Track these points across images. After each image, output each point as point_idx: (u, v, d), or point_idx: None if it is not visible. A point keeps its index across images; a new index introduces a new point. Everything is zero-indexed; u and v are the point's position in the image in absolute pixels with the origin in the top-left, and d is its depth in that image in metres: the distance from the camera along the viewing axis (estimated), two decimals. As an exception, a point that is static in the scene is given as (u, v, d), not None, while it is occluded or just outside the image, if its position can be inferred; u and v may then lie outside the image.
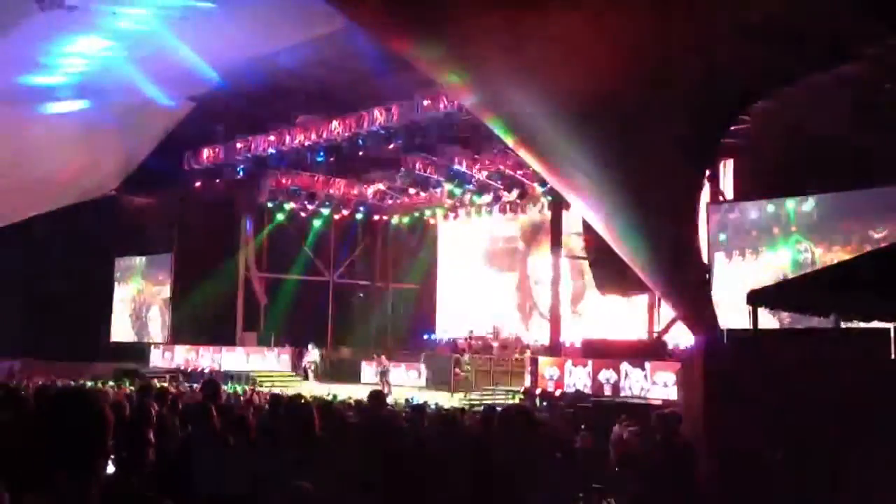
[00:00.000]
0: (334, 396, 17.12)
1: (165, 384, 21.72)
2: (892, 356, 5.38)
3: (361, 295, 34.93)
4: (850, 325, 9.02)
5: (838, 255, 18.23)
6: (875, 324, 8.46)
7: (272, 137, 25.14)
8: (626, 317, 25.70)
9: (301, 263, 32.65)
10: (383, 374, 26.13)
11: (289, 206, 29.43)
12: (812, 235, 19.48)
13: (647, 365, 17.89)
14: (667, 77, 9.72)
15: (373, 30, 11.93)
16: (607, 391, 18.32)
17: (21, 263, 27.34)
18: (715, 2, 9.21)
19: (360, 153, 23.98)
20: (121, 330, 34.86)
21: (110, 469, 3.49)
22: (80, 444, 2.08)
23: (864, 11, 8.90)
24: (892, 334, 5.43)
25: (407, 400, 16.85)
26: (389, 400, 15.83)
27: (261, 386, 23.85)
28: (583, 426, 11.00)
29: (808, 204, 19.71)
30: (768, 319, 15.72)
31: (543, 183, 23.68)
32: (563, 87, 10.38)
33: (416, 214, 31.94)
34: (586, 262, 20.63)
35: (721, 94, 10.28)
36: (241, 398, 17.12)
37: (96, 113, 23.28)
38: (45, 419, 2.12)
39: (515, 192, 25.41)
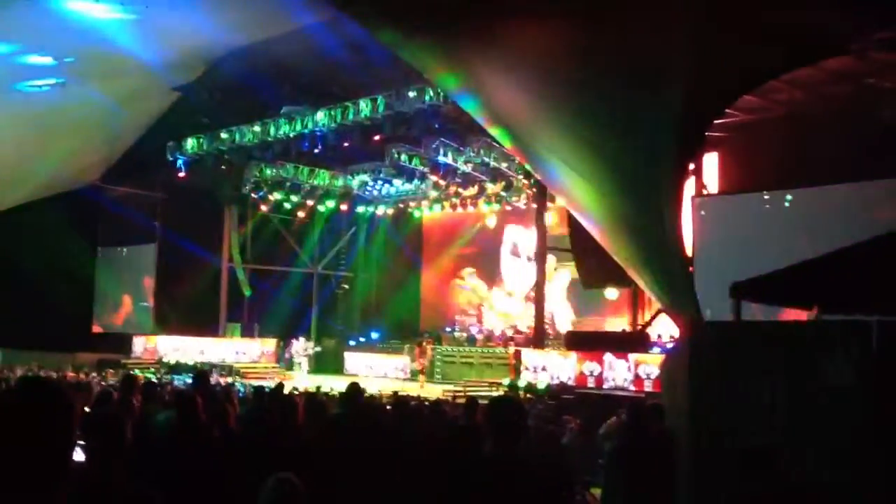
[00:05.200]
0: (317, 388, 17.11)
1: (149, 375, 21.69)
2: (874, 349, 5.41)
3: (346, 286, 34.88)
4: (832, 317, 9.08)
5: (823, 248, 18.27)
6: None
7: (257, 128, 25.00)
8: (611, 308, 25.82)
9: (285, 255, 32.59)
10: (420, 371, 25.11)
11: (273, 196, 29.32)
12: (796, 228, 19.52)
13: (631, 357, 17.92)
14: (654, 72, 9.76)
15: (362, 22, 11.91)
16: (591, 383, 18.35)
17: (2, 253, 27.08)
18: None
19: (345, 144, 23.91)
20: (104, 320, 34.65)
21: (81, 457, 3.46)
22: (43, 436, 1.99)
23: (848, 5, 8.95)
24: (874, 327, 5.45)
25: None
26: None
27: (243, 377, 23.81)
28: (569, 419, 11.02)
29: (793, 197, 19.79)
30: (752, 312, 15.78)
31: (528, 175, 23.70)
32: (553, 82, 10.40)
33: (401, 206, 31.89)
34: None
35: (708, 89, 10.33)
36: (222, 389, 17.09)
37: (79, 102, 23.07)
38: (8, 411, 2.03)
39: (500, 184, 25.43)
